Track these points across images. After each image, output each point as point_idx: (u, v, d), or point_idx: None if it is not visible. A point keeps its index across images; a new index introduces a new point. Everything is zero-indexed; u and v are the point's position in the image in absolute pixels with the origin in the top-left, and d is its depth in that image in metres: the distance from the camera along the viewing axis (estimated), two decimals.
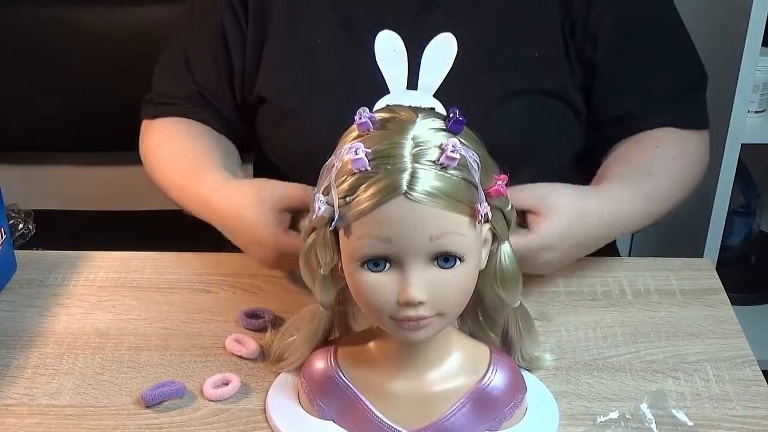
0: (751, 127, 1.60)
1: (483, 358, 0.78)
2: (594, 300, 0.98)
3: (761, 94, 1.61)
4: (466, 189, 0.70)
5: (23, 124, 1.72)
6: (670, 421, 0.80)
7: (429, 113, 0.73)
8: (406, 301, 0.70)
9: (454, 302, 0.73)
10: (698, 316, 0.96)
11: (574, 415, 0.82)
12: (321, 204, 0.72)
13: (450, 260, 0.70)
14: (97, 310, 0.98)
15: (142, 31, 1.65)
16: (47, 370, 0.89)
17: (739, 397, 0.85)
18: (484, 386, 0.77)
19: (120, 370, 0.89)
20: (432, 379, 0.77)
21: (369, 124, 0.72)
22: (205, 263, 1.06)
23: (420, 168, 0.69)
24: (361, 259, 0.71)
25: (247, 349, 0.89)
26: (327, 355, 0.80)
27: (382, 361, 0.78)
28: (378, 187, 0.68)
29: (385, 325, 0.73)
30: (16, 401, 0.85)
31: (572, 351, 0.91)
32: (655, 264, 1.04)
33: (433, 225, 0.69)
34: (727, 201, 1.62)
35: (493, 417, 0.78)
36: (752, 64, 1.51)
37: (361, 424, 0.78)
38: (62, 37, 1.65)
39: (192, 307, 0.98)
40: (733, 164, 1.59)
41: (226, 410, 0.83)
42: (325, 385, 0.79)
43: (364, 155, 0.69)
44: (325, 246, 0.74)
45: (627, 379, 0.87)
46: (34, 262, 1.06)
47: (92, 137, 1.74)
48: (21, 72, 1.67)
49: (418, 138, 0.70)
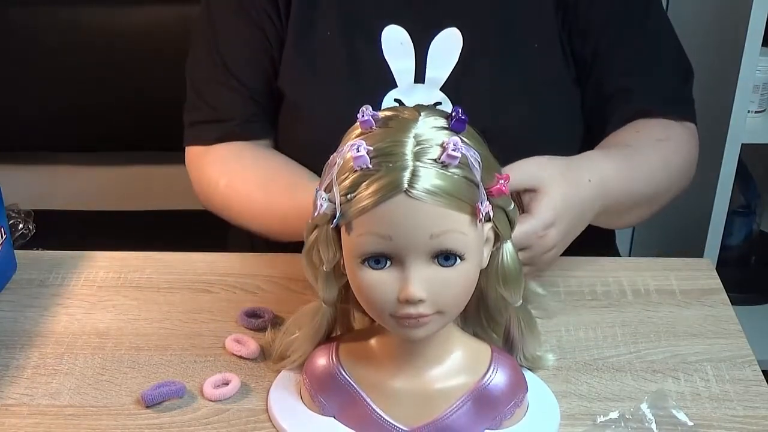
0: (751, 127, 1.60)
1: (484, 356, 0.79)
2: (594, 300, 0.98)
3: (761, 94, 1.61)
4: (467, 187, 0.70)
5: (23, 124, 1.72)
6: (670, 421, 0.80)
7: (432, 111, 0.73)
8: (406, 299, 0.70)
9: (454, 300, 0.73)
10: (698, 316, 0.96)
11: (574, 415, 0.82)
12: (323, 201, 0.72)
13: (450, 258, 0.70)
14: (97, 310, 0.98)
15: (142, 31, 1.65)
16: (47, 370, 0.89)
17: (739, 397, 0.84)
18: (485, 385, 0.77)
19: (120, 370, 0.89)
20: (433, 376, 0.77)
21: (371, 121, 0.72)
22: (205, 263, 1.06)
23: (421, 166, 0.69)
24: (361, 256, 0.71)
25: (247, 349, 0.89)
26: (329, 351, 0.80)
27: (383, 358, 0.78)
28: (379, 185, 0.69)
29: (386, 322, 0.73)
30: (16, 401, 0.85)
31: (572, 351, 0.90)
32: (655, 264, 1.04)
33: (433, 223, 0.69)
34: (727, 201, 1.62)
35: (494, 416, 0.78)
36: (752, 64, 1.52)
37: (362, 420, 0.78)
38: (62, 37, 1.65)
39: (192, 307, 0.98)
40: (733, 164, 1.59)
41: (226, 410, 0.83)
42: (327, 381, 0.79)
43: (365, 153, 0.69)
44: (327, 243, 0.74)
45: (627, 379, 0.87)
46: (34, 262, 1.06)
47: (92, 137, 1.75)
48: (21, 72, 1.67)
49: (420, 136, 0.70)
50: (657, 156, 1.06)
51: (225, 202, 1.10)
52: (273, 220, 1.04)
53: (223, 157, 1.12)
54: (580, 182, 0.93)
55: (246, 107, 1.13)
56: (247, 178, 1.08)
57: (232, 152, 1.12)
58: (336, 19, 1.10)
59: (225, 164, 1.11)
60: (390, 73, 1.09)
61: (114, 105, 1.68)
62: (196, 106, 1.15)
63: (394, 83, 1.08)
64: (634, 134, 1.08)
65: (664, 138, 1.07)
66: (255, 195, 1.06)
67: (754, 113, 1.62)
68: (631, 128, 1.09)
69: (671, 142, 1.08)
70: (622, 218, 1.08)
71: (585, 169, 0.95)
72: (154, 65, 1.62)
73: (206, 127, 1.14)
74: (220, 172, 1.11)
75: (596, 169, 0.96)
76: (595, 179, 0.95)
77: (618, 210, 1.02)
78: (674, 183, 1.09)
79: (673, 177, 1.08)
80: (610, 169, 0.98)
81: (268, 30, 1.12)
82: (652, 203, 1.08)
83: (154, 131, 1.62)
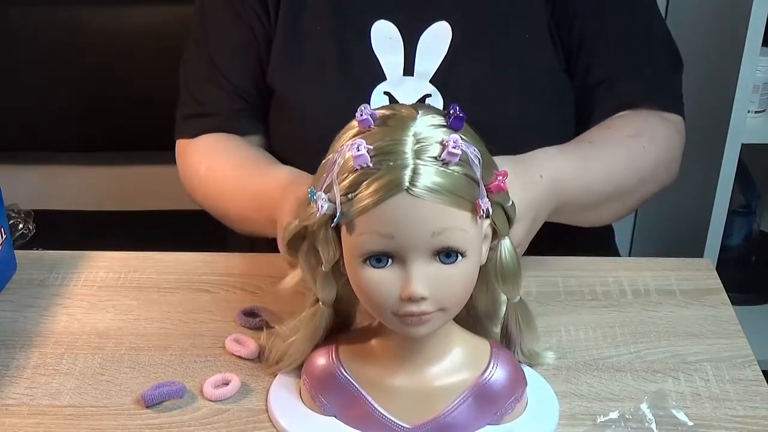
0: (751, 127, 1.60)
1: (484, 352, 0.79)
2: (594, 300, 0.98)
3: (761, 94, 1.61)
4: (467, 185, 0.70)
5: (23, 124, 1.72)
6: (670, 421, 0.80)
7: (429, 110, 0.73)
8: (409, 297, 0.70)
9: (456, 297, 0.73)
10: (698, 316, 0.96)
11: (574, 415, 0.82)
12: (323, 202, 0.72)
13: (452, 256, 0.71)
14: (97, 310, 0.98)
15: (142, 31, 1.65)
16: (47, 370, 0.89)
17: (739, 397, 0.84)
18: (485, 381, 0.77)
19: (120, 370, 0.89)
20: (433, 374, 0.77)
21: (370, 120, 0.72)
22: (205, 263, 1.06)
23: (422, 164, 0.69)
24: (363, 255, 0.71)
25: (247, 349, 0.89)
26: (328, 351, 0.80)
27: (383, 356, 0.78)
28: (380, 184, 0.69)
29: (388, 320, 0.74)
30: (16, 401, 0.85)
31: (572, 351, 0.90)
32: (655, 264, 1.04)
33: (434, 221, 0.69)
34: (727, 201, 1.62)
35: (495, 411, 0.78)
36: (752, 64, 1.52)
37: (363, 419, 0.78)
38: (62, 37, 1.65)
39: (192, 307, 0.98)
40: (733, 164, 1.59)
41: (226, 410, 0.83)
42: (327, 381, 0.79)
43: (366, 152, 0.69)
44: (326, 243, 0.74)
45: (627, 379, 0.87)
46: (34, 262, 1.06)
47: (92, 137, 1.75)
48: (21, 72, 1.68)
49: (419, 134, 0.70)
50: (623, 152, 1.04)
51: (204, 187, 1.12)
52: (244, 200, 1.04)
53: (205, 146, 1.14)
54: (533, 179, 0.92)
55: (232, 103, 1.15)
56: (224, 162, 1.10)
57: (213, 140, 1.14)
58: (325, 14, 1.10)
59: (206, 151, 1.13)
60: (380, 67, 1.09)
61: (114, 105, 1.68)
62: (185, 102, 1.18)
63: (383, 77, 1.09)
64: (603, 130, 1.07)
65: (635, 134, 1.06)
66: (229, 175, 1.08)
67: (754, 113, 1.62)
68: (603, 125, 1.08)
69: (644, 137, 1.06)
70: (592, 214, 1.05)
71: (537, 166, 0.94)
72: (154, 65, 1.62)
73: (193, 121, 1.16)
74: (200, 159, 1.13)
75: (549, 165, 0.95)
76: (546, 175, 0.93)
77: (580, 206, 1.00)
78: (648, 179, 1.07)
79: (646, 172, 1.06)
80: (563, 164, 0.96)
81: (256, 28, 1.13)
82: (624, 199, 1.06)
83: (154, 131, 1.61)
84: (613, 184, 1.03)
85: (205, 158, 1.13)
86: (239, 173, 1.07)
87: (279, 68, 1.12)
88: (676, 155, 1.11)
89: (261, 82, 1.14)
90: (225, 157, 1.11)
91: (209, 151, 1.13)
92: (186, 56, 1.19)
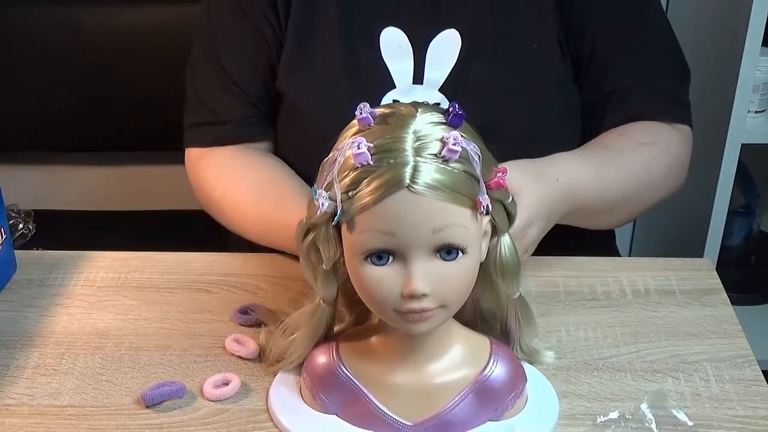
0: (751, 127, 1.60)
1: (484, 349, 0.79)
2: (594, 300, 0.98)
3: (761, 94, 1.61)
4: (467, 181, 0.70)
5: (23, 124, 1.72)
6: (670, 421, 0.80)
7: (428, 107, 0.74)
8: (410, 294, 0.70)
9: (457, 294, 0.73)
10: (698, 316, 0.96)
11: (574, 415, 0.82)
12: (324, 200, 0.72)
13: (452, 252, 0.71)
14: (97, 310, 0.98)
15: (142, 31, 1.65)
16: (47, 370, 0.89)
17: (739, 397, 0.84)
18: (486, 377, 0.78)
19: (120, 370, 0.89)
20: (434, 371, 0.77)
21: (369, 119, 0.72)
22: (205, 263, 1.06)
23: (422, 161, 0.69)
24: (364, 253, 0.71)
25: (247, 349, 0.89)
26: (329, 349, 0.80)
27: (384, 354, 0.78)
28: (381, 181, 0.69)
29: (389, 318, 0.74)
30: (16, 401, 0.85)
31: (572, 351, 0.90)
32: (655, 264, 1.04)
33: (435, 218, 0.69)
34: (727, 201, 1.62)
35: (495, 407, 0.78)
36: (752, 64, 1.52)
37: (364, 417, 0.78)
38: (62, 37, 1.65)
39: (192, 307, 0.98)
40: (733, 164, 1.59)
41: (226, 410, 0.83)
42: (328, 379, 0.79)
43: (366, 149, 0.69)
44: (327, 241, 0.74)
45: (627, 379, 0.87)
46: (34, 262, 1.06)
47: (92, 137, 1.74)
48: (21, 72, 1.67)
49: (419, 132, 0.70)
50: (637, 159, 1.06)
51: (219, 211, 1.12)
52: (264, 234, 1.05)
53: (218, 162, 1.13)
54: (549, 182, 0.94)
55: (244, 110, 1.14)
56: (240, 191, 1.08)
57: (227, 157, 1.12)
58: (335, 21, 1.10)
59: (221, 169, 1.12)
60: (389, 75, 1.09)
61: (114, 105, 1.68)
62: (195, 109, 1.16)
63: (392, 84, 1.09)
64: (617, 137, 1.08)
65: (649, 142, 1.07)
66: (247, 211, 1.07)
67: (754, 113, 1.62)
68: (616, 131, 1.09)
69: (657, 145, 1.08)
70: (602, 219, 1.08)
71: (554, 169, 0.95)
72: (154, 65, 1.62)
73: (204, 129, 1.15)
74: (215, 177, 1.12)
75: (565, 169, 0.97)
76: (563, 179, 0.95)
77: (592, 211, 1.02)
78: (659, 186, 1.09)
79: (657, 180, 1.08)
80: (579, 170, 0.98)
81: (266, 33, 1.12)
82: (635, 205, 1.08)
83: (154, 131, 1.62)
84: (626, 191, 1.05)
85: (220, 178, 1.11)
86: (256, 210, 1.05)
87: (288, 74, 1.12)
88: (684, 163, 1.13)
89: (271, 87, 1.13)
90: (241, 183, 1.09)
91: (224, 170, 1.12)
92: (192, 62, 1.17)
